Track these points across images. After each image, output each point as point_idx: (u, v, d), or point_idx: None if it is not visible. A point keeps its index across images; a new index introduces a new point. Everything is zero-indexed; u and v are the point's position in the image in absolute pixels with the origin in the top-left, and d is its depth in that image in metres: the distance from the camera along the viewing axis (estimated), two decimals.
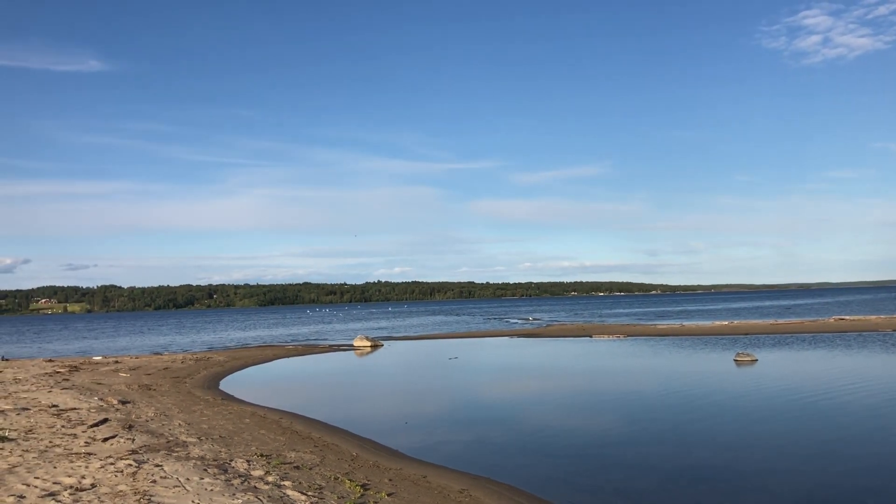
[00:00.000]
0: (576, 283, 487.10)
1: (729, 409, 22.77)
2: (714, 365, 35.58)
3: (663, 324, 73.60)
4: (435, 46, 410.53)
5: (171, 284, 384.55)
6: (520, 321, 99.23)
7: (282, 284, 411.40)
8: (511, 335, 65.69)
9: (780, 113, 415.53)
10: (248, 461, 14.19)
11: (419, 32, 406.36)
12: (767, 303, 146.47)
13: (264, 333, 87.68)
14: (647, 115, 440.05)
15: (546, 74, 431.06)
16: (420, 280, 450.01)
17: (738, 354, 37.14)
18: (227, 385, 32.80)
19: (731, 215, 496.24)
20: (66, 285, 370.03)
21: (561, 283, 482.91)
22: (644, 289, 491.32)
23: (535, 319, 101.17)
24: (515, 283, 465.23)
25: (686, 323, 73.42)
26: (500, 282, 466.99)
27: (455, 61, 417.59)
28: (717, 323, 69.01)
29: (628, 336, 57.33)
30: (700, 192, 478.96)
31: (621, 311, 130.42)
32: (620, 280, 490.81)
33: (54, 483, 11.39)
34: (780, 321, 68.34)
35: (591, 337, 58.37)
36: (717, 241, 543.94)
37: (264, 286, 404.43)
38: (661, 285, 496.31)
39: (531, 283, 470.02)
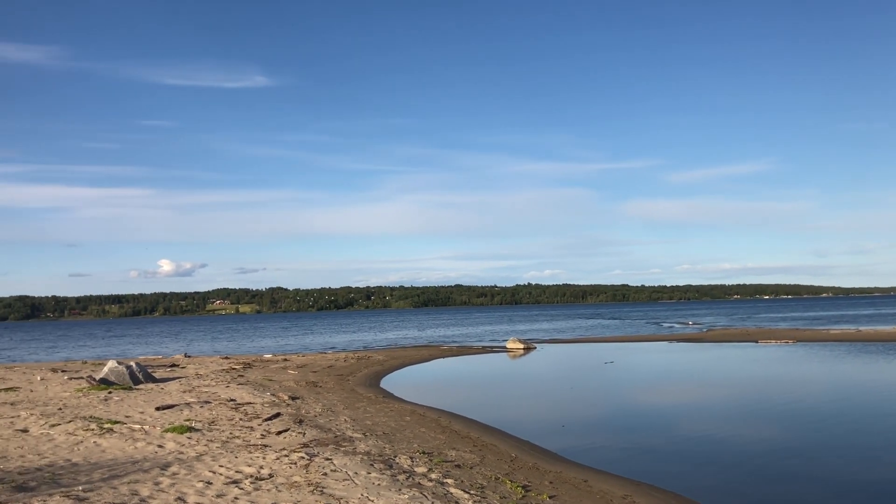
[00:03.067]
0: (738, 285, 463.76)
1: None
2: None
3: (837, 328, 68.52)
4: (585, 49, 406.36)
5: (332, 286, 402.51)
6: (679, 325, 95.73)
7: (434, 287, 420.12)
8: (670, 339, 63.49)
9: None
10: (411, 458, 14.58)
11: (569, 36, 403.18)
12: None
13: (419, 334, 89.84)
14: (812, 107, 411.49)
15: (702, 69, 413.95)
16: (571, 283, 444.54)
17: None
18: (387, 383, 33.86)
19: None
20: (237, 287, 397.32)
21: (722, 286, 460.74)
22: (813, 291, 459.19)
23: (695, 324, 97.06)
24: (672, 286, 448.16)
25: (863, 328, 67.99)
26: (656, 284, 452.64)
27: (606, 62, 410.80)
28: None
29: (798, 341, 53.85)
30: (872, 188, 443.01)
31: (789, 314, 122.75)
32: (787, 282, 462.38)
33: (236, 472, 12.23)
34: None
35: (756, 342, 55.33)
36: (895, 240, 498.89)
37: (418, 288, 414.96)
38: (833, 287, 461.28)
39: (689, 285, 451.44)
